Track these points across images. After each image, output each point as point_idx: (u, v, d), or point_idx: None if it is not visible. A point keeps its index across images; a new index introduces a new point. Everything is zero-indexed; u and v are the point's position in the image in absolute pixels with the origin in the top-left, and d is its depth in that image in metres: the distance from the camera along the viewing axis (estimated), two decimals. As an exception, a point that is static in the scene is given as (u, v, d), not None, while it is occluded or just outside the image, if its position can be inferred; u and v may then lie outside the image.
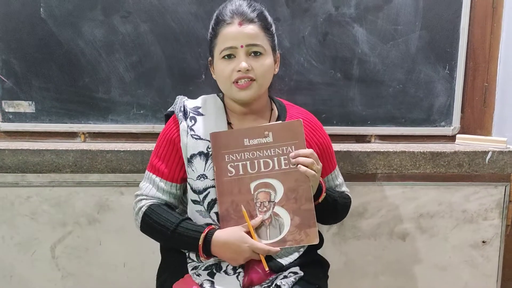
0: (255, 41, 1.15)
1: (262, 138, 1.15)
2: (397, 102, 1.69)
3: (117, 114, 1.63)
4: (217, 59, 1.18)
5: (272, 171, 1.14)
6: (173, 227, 1.13)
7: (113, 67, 1.60)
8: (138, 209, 1.19)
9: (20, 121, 1.62)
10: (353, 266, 1.70)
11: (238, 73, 1.15)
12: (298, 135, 1.15)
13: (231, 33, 1.15)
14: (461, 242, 1.71)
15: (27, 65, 1.58)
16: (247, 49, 1.15)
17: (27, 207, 1.58)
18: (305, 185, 1.13)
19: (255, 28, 1.16)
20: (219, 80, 1.21)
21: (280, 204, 1.14)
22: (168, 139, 1.22)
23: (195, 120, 1.21)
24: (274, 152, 1.15)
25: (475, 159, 1.62)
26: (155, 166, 1.21)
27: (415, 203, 1.67)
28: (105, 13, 1.57)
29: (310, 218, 1.14)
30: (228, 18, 1.16)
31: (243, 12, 1.16)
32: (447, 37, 1.67)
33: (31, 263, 1.62)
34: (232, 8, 1.17)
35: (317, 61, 1.64)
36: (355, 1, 1.61)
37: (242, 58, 1.15)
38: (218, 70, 1.19)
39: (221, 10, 1.19)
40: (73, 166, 1.53)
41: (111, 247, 1.62)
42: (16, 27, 1.56)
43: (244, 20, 1.15)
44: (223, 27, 1.16)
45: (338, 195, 1.27)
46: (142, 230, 1.20)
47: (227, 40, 1.15)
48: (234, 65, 1.15)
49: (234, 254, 1.11)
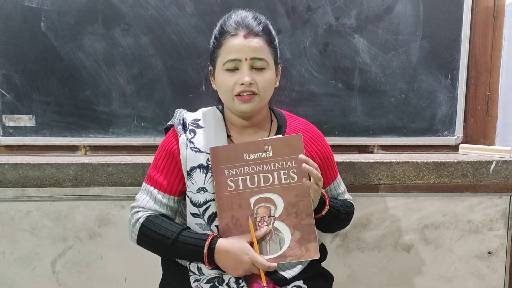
0: (259, 55, 1.15)
1: (262, 152, 1.14)
2: (399, 112, 1.68)
3: (118, 127, 1.63)
4: (219, 70, 1.17)
5: (272, 185, 1.14)
6: (174, 236, 1.12)
7: (113, 80, 1.60)
8: (135, 220, 1.17)
9: (21, 135, 1.61)
10: (357, 279, 1.68)
11: (241, 86, 1.14)
12: (298, 149, 1.14)
13: (236, 45, 1.14)
14: (466, 253, 1.69)
15: (27, 79, 1.58)
16: (251, 63, 1.14)
17: (28, 222, 1.57)
18: (305, 200, 1.13)
19: (260, 41, 1.15)
20: (221, 92, 1.20)
21: (280, 219, 1.13)
22: (167, 152, 1.21)
23: (194, 132, 1.21)
24: (274, 167, 1.14)
25: (479, 169, 1.60)
26: (153, 178, 1.20)
27: (419, 214, 1.65)
28: (105, 26, 1.57)
29: (310, 233, 1.13)
30: (233, 29, 1.14)
31: (248, 25, 1.14)
32: (448, 46, 1.66)
33: (31, 279, 1.60)
34: (237, 19, 1.15)
35: (318, 72, 1.64)
36: (356, 11, 1.61)
37: (246, 72, 1.14)
38: (220, 82, 1.18)
39: (226, 21, 1.17)
40: (74, 180, 1.52)
41: (112, 261, 1.61)
42: (16, 41, 1.56)
43: (249, 33, 1.14)
44: (228, 38, 1.15)
45: (340, 205, 1.26)
46: (139, 241, 1.18)
47: (231, 52, 1.14)
48: (237, 78, 1.14)
49: (235, 264, 1.09)
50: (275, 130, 1.26)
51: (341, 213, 1.25)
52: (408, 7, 1.63)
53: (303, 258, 1.13)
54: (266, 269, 1.10)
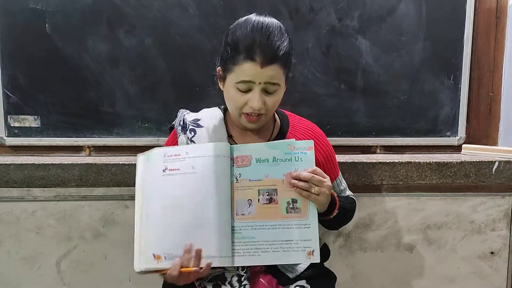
0: (273, 81, 1.10)
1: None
2: (402, 112, 1.68)
3: (122, 127, 1.64)
4: (230, 85, 1.12)
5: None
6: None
7: (117, 81, 1.61)
8: None
9: (26, 136, 1.63)
10: (360, 279, 1.68)
11: (250, 108, 1.11)
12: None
13: (251, 70, 1.07)
14: (469, 253, 1.69)
15: (32, 80, 1.59)
16: (264, 86, 1.10)
17: (33, 222, 1.58)
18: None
19: (276, 68, 1.09)
20: (229, 104, 1.17)
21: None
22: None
23: (194, 132, 1.21)
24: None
25: (482, 169, 1.60)
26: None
27: (422, 214, 1.66)
28: (109, 28, 1.58)
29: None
30: (250, 51, 1.07)
31: (267, 50, 1.07)
32: (451, 47, 1.67)
33: (36, 278, 1.61)
34: (256, 38, 1.07)
35: (321, 73, 1.64)
36: (358, 12, 1.62)
37: (257, 96, 1.10)
38: (230, 97, 1.14)
39: (245, 35, 1.08)
40: (79, 180, 1.54)
41: (116, 261, 1.62)
42: (21, 42, 1.58)
43: (267, 61, 1.07)
44: (243, 61, 1.08)
45: (347, 203, 1.25)
46: None
47: (246, 76, 1.08)
48: (248, 99, 1.11)
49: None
50: (277, 130, 1.26)
51: (348, 211, 1.25)
52: (411, 8, 1.63)
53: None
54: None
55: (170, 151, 1.11)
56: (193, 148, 1.11)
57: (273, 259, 1.11)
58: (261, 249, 1.10)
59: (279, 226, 1.11)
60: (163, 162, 1.11)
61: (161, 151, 1.12)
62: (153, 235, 1.08)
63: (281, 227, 1.11)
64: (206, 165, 1.08)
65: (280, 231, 1.11)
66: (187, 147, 1.13)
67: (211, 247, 1.06)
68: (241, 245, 1.10)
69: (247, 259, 1.10)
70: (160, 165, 1.11)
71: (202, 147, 1.11)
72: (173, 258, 1.05)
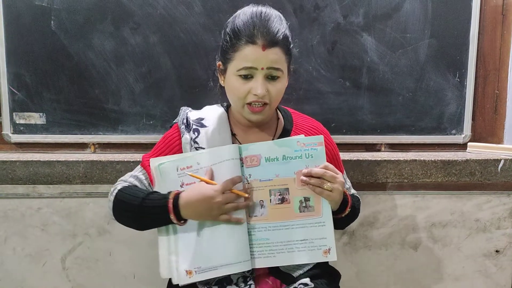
0: (276, 65, 1.10)
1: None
2: (407, 110, 1.68)
3: (126, 124, 1.64)
4: (232, 74, 1.12)
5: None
6: (143, 195, 1.09)
7: (122, 78, 1.61)
8: (112, 189, 1.16)
9: (31, 133, 1.63)
10: (364, 277, 1.68)
11: (254, 96, 1.10)
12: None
13: (253, 54, 1.07)
14: (474, 251, 1.69)
15: (38, 77, 1.60)
16: (266, 72, 1.10)
17: (38, 219, 1.59)
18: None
19: (278, 52, 1.09)
20: (231, 97, 1.16)
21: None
22: (167, 143, 1.21)
23: (198, 132, 1.20)
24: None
25: (487, 168, 1.60)
26: (144, 163, 1.20)
27: (426, 212, 1.65)
28: (115, 25, 1.58)
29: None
30: (250, 35, 1.07)
31: (268, 32, 1.07)
32: (456, 44, 1.66)
33: (41, 275, 1.62)
34: (257, 23, 1.08)
35: (325, 70, 1.64)
36: (364, 10, 1.61)
37: (260, 82, 1.09)
38: (232, 87, 1.13)
39: (244, 21, 1.09)
40: (83, 177, 1.54)
41: (121, 258, 1.62)
42: (27, 40, 1.58)
43: (268, 43, 1.07)
44: (245, 45, 1.08)
45: (356, 201, 1.24)
46: (114, 207, 1.14)
47: (248, 61, 1.08)
48: (250, 87, 1.10)
49: (207, 205, 1.06)
50: (281, 129, 1.25)
51: (357, 209, 1.24)
52: (416, 5, 1.62)
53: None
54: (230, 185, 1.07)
55: (181, 164, 1.11)
56: (203, 156, 1.11)
57: (289, 259, 1.11)
58: (276, 250, 1.10)
59: (293, 226, 1.10)
60: (177, 176, 1.11)
61: (172, 165, 1.11)
62: (181, 252, 1.11)
63: (295, 227, 1.11)
64: (218, 172, 1.09)
65: (294, 231, 1.11)
66: (197, 157, 1.11)
67: (230, 254, 1.09)
68: (255, 247, 1.11)
69: (263, 261, 1.11)
70: (176, 180, 1.11)
71: (212, 153, 1.11)
72: (203, 272, 1.09)
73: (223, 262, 1.08)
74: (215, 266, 1.09)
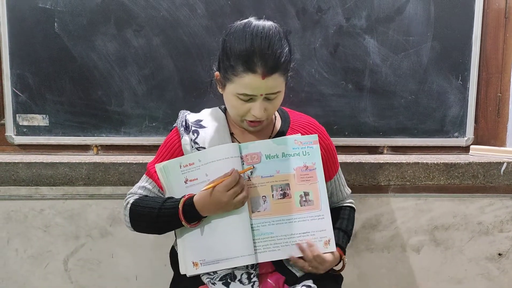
0: (274, 90, 1.10)
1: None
2: (410, 113, 1.68)
3: (129, 126, 1.64)
4: (231, 93, 1.12)
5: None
6: (159, 205, 1.13)
7: (125, 80, 1.61)
8: (125, 204, 1.20)
9: (34, 134, 1.64)
10: (366, 279, 1.68)
11: (252, 117, 1.13)
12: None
13: (252, 83, 1.07)
14: (476, 254, 1.68)
15: (41, 79, 1.61)
16: (265, 96, 1.11)
17: (41, 220, 1.59)
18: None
19: (277, 77, 1.08)
20: (230, 110, 1.19)
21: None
22: (169, 148, 1.23)
23: (197, 133, 1.22)
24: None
25: (490, 170, 1.60)
26: (149, 171, 1.23)
27: (429, 215, 1.65)
28: (118, 27, 1.59)
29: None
30: (251, 64, 1.05)
31: (268, 60, 1.05)
32: (459, 47, 1.66)
33: (44, 276, 1.62)
34: (257, 51, 1.05)
35: (328, 73, 1.64)
36: (366, 12, 1.61)
37: (258, 106, 1.11)
38: (231, 104, 1.15)
39: (244, 47, 1.06)
40: (86, 178, 1.54)
41: (123, 259, 1.62)
42: (30, 42, 1.59)
43: (268, 71, 1.06)
44: (244, 73, 1.06)
45: (350, 226, 1.31)
46: (132, 221, 1.19)
47: (247, 89, 1.08)
48: (249, 107, 1.12)
49: (217, 206, 1.10)
50: (278, 127, 1.27)
51: (351, 233, 1.32)
52: (419, 8, 1.62)
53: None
54: (237, 175, 1.10)
55: (184, 161, 1.15)
56: (204, 154, 1.14)
57: (293, 251, 1.15)
58: (281, 243, 1.15)
59: (295, 219, 1.16)
60: (181, 173, 1.15)
61: (175, 162, 1.16)
62: (188, 244, 1.16)
63: (297, 220, 1.16)
64: (219, 169, 1.12)
65: (296, 224, 1.15)
66: (199, 154, 1.16)
67: (234, 248, 1.12)
68: (260, 241, 1.14)
69: (269, 255, 1.14)
70: (180, 177, 1.15)
71: (212, 151, 1.14)
72: (207, 264, 1.13)
73: (227, 255, 1.12)
74: (219, 259, 1.13)
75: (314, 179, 1.17)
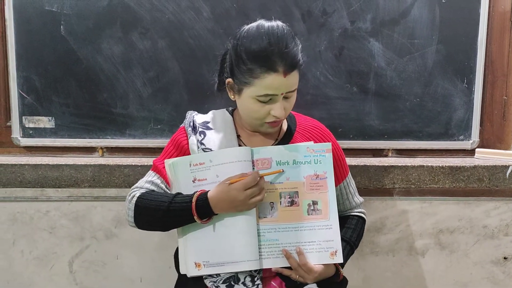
0: (293, 88, 1.13)
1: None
2: (415, 116, 1.67)
3: (134, 129, 1.65)
4: (249, 97, 1.13)
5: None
6: (169, 200, 1.11)
7: (131, 82, 1.62)
8: (130, 198, 1.16)
9: (40, 136, 1.64)
10: (371, 283, 1.67)
11: (274, 117, 1.14)
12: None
13: (275, 83, 1.08)
14: (482, 258, 1.68)
15: (47, 82, 1.61)
16: (285, 95, 1.13)
17: (46, 221, 1.60)
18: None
19: (296, 74, 1.12)
20: (247, 116, 1.19)
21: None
22: (176, 144, 1.24)
23: (204, 134, 1.22)
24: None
25: (495, 174, 1.59)
26: (156, 166, 1.22)
27: (434, 219, 1.65)
28: (123, 30, 1.59)
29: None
30: (272, 64, 1.07)
31: (287, 57, 1.07)
32: (464, 50, 1.65)
33: (49, 277, 1.63)
34: (275, 50, 1.07)
35: (333, 75, 1.64)
36: (371, 15, 1.61)
37: (279, 105, 1.12)
38: (249, 109, 1.15)
39: (262, 48, 1.07)
40: (91, 180, 1.55)
41: (128, 261, 1.63)
42: (36, 44, 1.59)
43: (289, 68, 1.08)
44: (265, 73, 1.08)
45: (355, 236, 1.29)
46: (136, 215, 1.14)
47: (270, 89, 1.09)
48: (269, 109, 1.13)
49: (232, 204, 1.09)
50: (284, 130, 1.28)
51: (357, 245, 1.30)
52: (424, 11, 1.62)
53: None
54: (257, 176, 1.10)
55: (194, 160, 1.15)
56: (216, 155, 1.14)
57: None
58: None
59: (302, 228, 1.15)
60: (190, 172, 1.15)
61: (186, 160, 1.15)
62: (191, 244, 1.15)
63: (303, 229, 1.15)
64: (230, 172, 1.12)
65: (303, 233, 1.15)
66: (210, 154, 1.15)
67: (239, 252, 1.12)
68: (265, 247, 1.14)
69: (272, 261, 1.14)
70: (188, 175, 1.15)
71: (224, 153, 1.14)
72: (211, 266, 1.12)
73: (232, 259, 1.12)
74: (223, 262, 1.12)
75: (324, 188, 1.16)
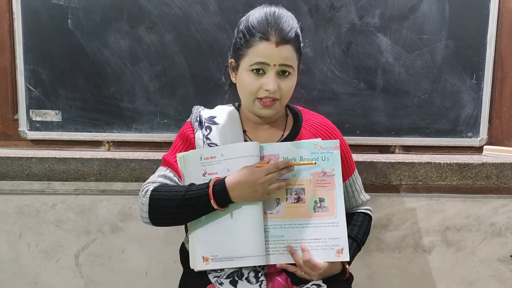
0: (288, 62, 1.15)
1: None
2: (422, 112, 1.66)
3: (141, 123, 1.65)
4: (244, 69, 1.17)
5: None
6: (184, 189, 1.11)
7: (137, 77, 1.62)
8: (144, 192, 1.15)
9: (47, 130, 1.65)
10: (377, 279, 1.67)
11: (265, 92, 1.15)
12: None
13: (266, 50, 1.12)
14: (488, 256, 1.67)
15: (54, 75, 1.62)
16: (278, 69, 1.14)
17: (52, 215, 1.61)
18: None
19: (290, 49, 1.14)
20: (242, 92, 1.21)
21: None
22: (184, 138, 1.24)
23: (210, 129, 1.23)
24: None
25: (504, 171, 1.58)
26: (167, 161, 1.22)
27: (441, 216, 1.64)
28: (130, 24, 1.59)
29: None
30: (264, 31, 1.12)
31: (281, 30, 1.12)
32: (474, 46, 1.64)
33: (55, 270, 1.64)
34: (270, 20, 1.13)
35: (340, 71, 1.63)
36: (380, 10, 1.60)
37: (272, 78, 1.14)
38: (243, 82, 1.18)
39: (258, 19, 1.14)
40: (98, 174, 1.55)
41: (133, 255, 1.63)
42: (44, 38, 1.60)
43: (281, 40, 1.12)
44: (258, 41, 1.13)
45: (362, 233, 1.28)
46: (150, 209, 1.12)
47: (261, 56, 1.13)
48: (262, 82, 1.14)
49: (252, 188, 1.09)
50: (290, 126, 1.28)
51: (364, 242, 1.29)
52: (434, 7, 1.60)
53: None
54: (283, 165, 1.10)
55: (205, 154, 1.15)
56: (227, 149, 1.15)
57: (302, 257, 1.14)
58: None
59: (307, 225, 1.14)
60: (201, 165, 1.15)
61: (197, 153, 1.16)
62: (200, 239, 1.15)
63: (309, 226, 1.15)
64: (241, 166, 1.12)
65: (309, 230, 1.15)
66: (221, 148, 1.16)
67: (246, 247, 1.12)
68: (270, 243, 1.14)
69: (277, 257, 1.14)
70: (199, 168, 1.15)
71: (235, 147, 1.15)
72: (219, 261, 1.12)
73: (239, 254, 1.12)
74: (232, 257, 1.12)
75: (332, 185, 1.16)
